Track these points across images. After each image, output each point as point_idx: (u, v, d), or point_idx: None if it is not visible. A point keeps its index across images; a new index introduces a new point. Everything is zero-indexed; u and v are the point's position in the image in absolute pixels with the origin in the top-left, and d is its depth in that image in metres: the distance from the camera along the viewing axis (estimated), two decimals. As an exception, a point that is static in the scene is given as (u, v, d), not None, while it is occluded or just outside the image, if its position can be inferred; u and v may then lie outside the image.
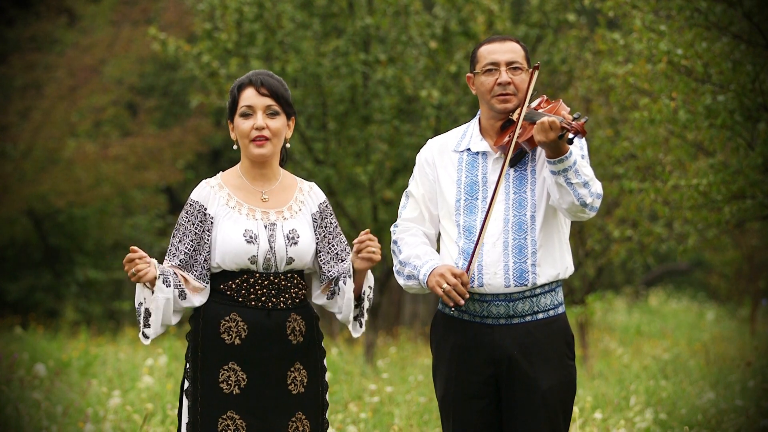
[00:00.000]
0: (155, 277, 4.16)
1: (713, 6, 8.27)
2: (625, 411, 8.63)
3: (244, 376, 4.21)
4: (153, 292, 4.18)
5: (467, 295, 4.25)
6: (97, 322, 20.72)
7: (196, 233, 4.27)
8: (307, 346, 4.29)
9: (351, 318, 4.33)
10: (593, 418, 7.74)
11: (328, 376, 4.41)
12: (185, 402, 4.27)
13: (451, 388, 4.40)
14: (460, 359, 4.38)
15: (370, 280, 4.35)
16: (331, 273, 4.35)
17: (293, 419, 4.24)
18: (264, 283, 4.24)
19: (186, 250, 4.26)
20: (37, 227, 21.19)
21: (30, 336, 15.40)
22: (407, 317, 23.41)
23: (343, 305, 4.32)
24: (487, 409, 4.37)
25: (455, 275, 4.24)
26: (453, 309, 4.28)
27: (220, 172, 4.40)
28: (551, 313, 4.40)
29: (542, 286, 4.37)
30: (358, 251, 4.25)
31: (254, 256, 4.22)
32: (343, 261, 4.39)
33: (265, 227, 4.26)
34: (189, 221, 4.29)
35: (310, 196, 4.39)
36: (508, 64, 4.42)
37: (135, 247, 4.16)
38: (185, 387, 4.28)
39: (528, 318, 4.37)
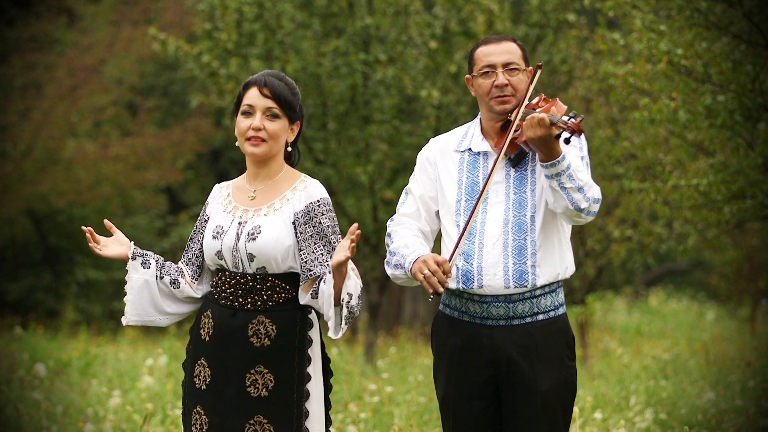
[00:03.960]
0: (126, 257, 4.39)
1: (713, 6, 8.26)
2: (625, 411, 8.63)
3: (209, 373, 4.28)
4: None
5: (447, 284, 4.24)
6: (97, 322, 20.72)
7: (201, 232, 4.45)
8: (275, 351, 4.24)
9: (331, 315, 4.18)
10: (593, 418, 7.74)
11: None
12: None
13: (451, 389, 4.40)
14: (461, 360, 4.38)
15: (350, 287, 4.16)
16: (312, 272, 4.25)
17: (251, 422, 4.22)
18: (231, 282, 4.29)
19: (192, 248, 4.45)
20: (37, 227, 21.18)
21: (30, 336, 15.39)
22: (407, 317, 23.40)
23: (324, 303, 4.22)
24: (487, 410, 4.38)
25: (437, 263, 4.24)
26: (432, 296, 4.26)
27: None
28: (551, 314, 4.39)
29: (542, 287, 4.37)
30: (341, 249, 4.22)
31: (219, 251, 4.29)
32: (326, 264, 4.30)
33: (239, 224, 4.30)
34: (199, 220, 4.48)
35: (301, 194, 4.32)
36: (505, 65, 4.41)
37: (107, 222, 4.46)
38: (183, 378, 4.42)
39: (528, 319, 4.36)
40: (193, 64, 13.49)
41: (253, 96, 4.30)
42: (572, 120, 4.14)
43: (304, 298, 4.29)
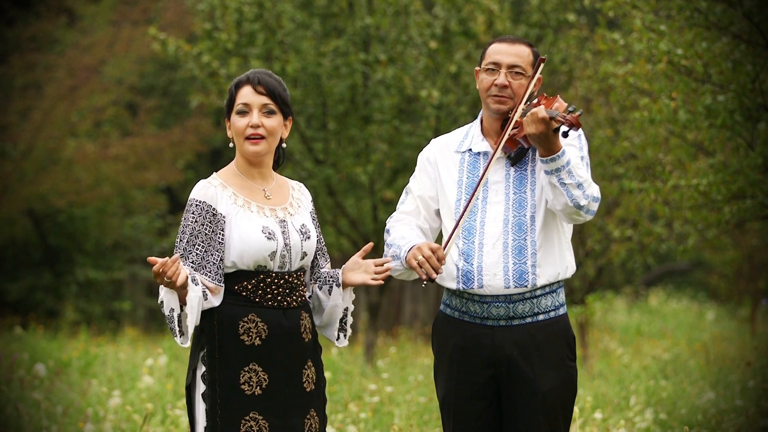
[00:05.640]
0: (186, 277, 4.04)
1: (713, 6, 8.26)
2: (625, 411, 8.63)
3: (266, 377, 4.18)
4: (179, 294, 4.06)
5: (440, 270, 4.27)
6: (97, 322, 20.71)
7: (206, 234, 4.17)
8: (314, 344, 4.32)
9: (336, 326, 4.36)
10: (593, 418, 7.74)
11: (327, 375, 4.44)
12: (201, 405, 4.18)
13: (451, 389, 4.40)
14: (461, 360, 4.39)
15: (348, 299, 4.38)
16: (323, 270, 4.39)
17: (308, 417, 4.25)
18: (279, 282, 4.21)
19: (198, 252, 4.15)
20: (37, 227, 21.19)
21: (30, 336, 15.40)
22: (407, 317, 23.40)
23: (326, 311, 4.34)
24: (487, 410, 4.38)
25: (431, 249, 4.27)
26: (425, 282, 4.27)
27: (215, 173, 4.32)
28: (552, 314, 4.39)
29: (543, 287, 4.37)
30: (358, 267, 4.31)
31: (274, 252, 4.17)
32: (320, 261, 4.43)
33: (278, 224, 4.25)
34: (197, 222, 4.17)
35: (302, 194, 4.41)
36: (510, 67, 4.41)
37: (153, 258, 3.97)
38: (203, 391, 4.18)
39: (528, 319, 4.37)
40: (193, 64, 13.49)
41: (247, 94, 4.26)
42: (570, 114, 4.17)
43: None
